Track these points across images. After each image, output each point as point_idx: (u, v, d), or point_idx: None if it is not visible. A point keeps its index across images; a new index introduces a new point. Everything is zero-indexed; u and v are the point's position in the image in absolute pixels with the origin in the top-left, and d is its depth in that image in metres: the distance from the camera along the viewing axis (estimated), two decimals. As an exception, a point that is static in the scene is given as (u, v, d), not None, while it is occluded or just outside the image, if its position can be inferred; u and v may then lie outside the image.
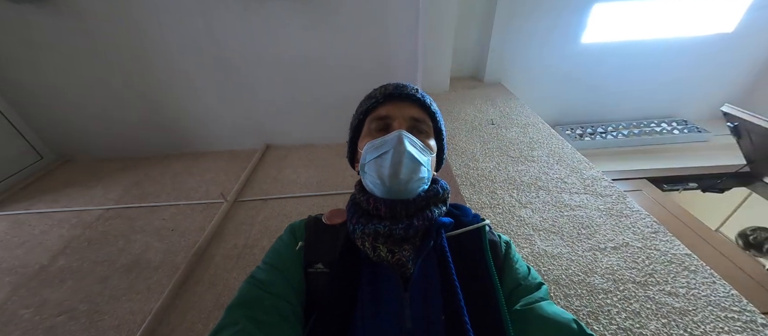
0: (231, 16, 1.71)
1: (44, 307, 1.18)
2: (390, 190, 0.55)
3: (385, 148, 0.56)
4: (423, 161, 0.57)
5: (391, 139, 0.56)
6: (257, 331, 0.44)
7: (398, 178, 0.53)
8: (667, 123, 2.28)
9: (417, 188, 0.56)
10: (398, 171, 0.53)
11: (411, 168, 0.54)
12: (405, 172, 0.54)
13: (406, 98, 0.62)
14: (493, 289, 0.49)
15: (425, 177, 0.57)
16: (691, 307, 0.71)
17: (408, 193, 0.55)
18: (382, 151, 0.56)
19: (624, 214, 0.97)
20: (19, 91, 1.92)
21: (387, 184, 0.54)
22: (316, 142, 2.27)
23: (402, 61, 1.92)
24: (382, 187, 0.55)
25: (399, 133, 0.56)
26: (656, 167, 1.93)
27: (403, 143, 0.55)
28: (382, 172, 0.54)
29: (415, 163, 0.55)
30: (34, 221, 1.65)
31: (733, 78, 2.23)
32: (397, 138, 0.55)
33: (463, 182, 1.14)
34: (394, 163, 0.53)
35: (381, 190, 0.56)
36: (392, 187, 0.54)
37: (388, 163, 0.54)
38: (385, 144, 0.56)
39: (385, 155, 0.55)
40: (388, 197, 0.55)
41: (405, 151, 0.54)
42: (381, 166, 0.55)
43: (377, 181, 0.56)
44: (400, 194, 0.55)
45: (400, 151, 0.54)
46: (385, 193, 0.55)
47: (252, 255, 1.33)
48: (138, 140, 2.19)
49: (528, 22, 1.90)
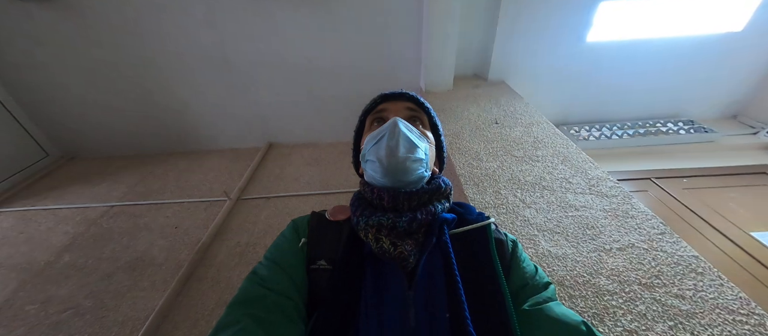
0: (235, 14, 1.72)
1: (50, 303, 1.19)
2: (388, 170, 0.55)
3: (382, 133, 0.59)
4: (419, 145, 0.59)
5: (387, 125, 0.60)
6: (259, 329, 0.43)
7: (396, 157, 0.55)
8: (673, 123, 2.25)
9: (415, 169, 0.57)
10: (395, 151, 0.56)
11: (407, 147, 0.57)
12: (402, 151, 0.56)
13: (401, 96, 0.68)
14: (500, 288, 0.49)
15: (423, 159, 0.58)
16: (699, 309, 0.70)
17: (407, 172, 0.56)
18: (379, 136, 0.59)
19: (630, 214, 0.95)
20: (25, 88, 1.94)
21: (385, 162, 0.55)
22: (319, 140, 2.27)
23: (405, 60, 1.91)
24: (381, 167, 0.56)
25: (394, 118, 0.60)
26: (662, 167, 1.91)
27: (398, 126, 0.58)
28: (380, 153, 0.57)
29: (411, 144, 0.58)
30: (39, 218, 1.67)
31: (742, 78, 2.19)
32: (393, 122, 0.59)
33: (466, 182, 1.13)
34: (391, 144, 0.56)
35: (381, 173, 0.56)
36: (389, 165, 0.55)
37: (384, 144, 0.57)
38: (381, 130, 0.60)
39: (382, 139, 0.58)
40: (389, 182, 0.56)
41: (401, 132, 0.58)
42: (379, 148, 0.58)
43: (376, 165, 0.57)
44: (399, 174, 0.56)
45: (397, 132, 0.58)
46: (384, 173, 0.56)
47: (255, 252, 1.34)
48: (142, 138, 2.20)
49: (533, 20, 1.88)
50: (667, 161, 1.97)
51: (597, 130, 2.25)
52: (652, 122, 2.28)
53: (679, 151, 2.07)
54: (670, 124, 2.23)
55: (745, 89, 2.24)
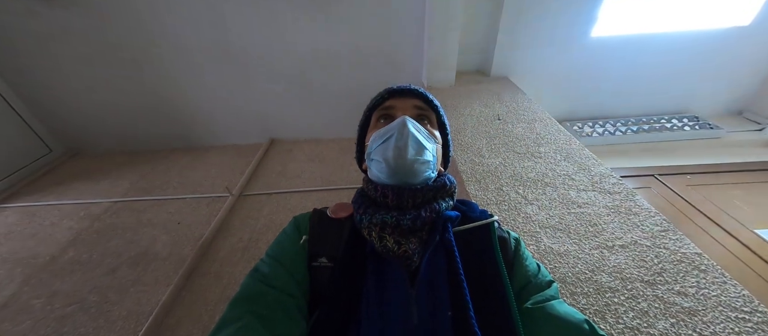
0: (238, 10, 1.71)
1: (55, 297, 1.20)
2: (395, 172, 0.55)
3: (390, 132, 0.57)
4: (427, 146, 0.58)
5: (395, 124, 0.58)
6: (260, 326, 0.44)
7: (403, 159, 0.54)
8: (678, 119, 2.22)
9: (423, 172, 0.56)
10: (403, 152, 0.54)
11: (416, 149, 0.56)
12: (410, 152, 0.55)
13: (409, 93, 0.65)
14: (503, 286, 0.48)
15: (430, 161, 0.58)
16: (701, 307, 0.69)
17: (413, 174, 0.55)
18: (387, 136, 0.57)
19: (632, 211, 0.95)
20: (28, 84, 1.94)
21: (392, 164, 0.55)
22: (321, 136, 2.27)
23: (407, 56, 1.89)
24: (387, 168, 0.55)
25: (403, 118, 0.58)
26: (666, 164, 1.89)
27: (407, 126, 0.57)
28: (387, 154, 0.55)
29: (420, 146, 0.56)
30: (44, 213, 1.68)
31: (749, 73, 2.16)
32: (402, 122, 0.57)
33: (468, 178, 1.13)
34: (399, 145, 0.55)
35: (387, 173, 0.56)
36: (397, 167, 0.55)
37: (392, 144, 0.55)
38: (389, 129, 0.58)
39: (389, 139, 0.57)
40: (395, 182, 0.55)
41: (409, 133, 0.56)
42: (386, 149, 0.56)
43: (383, 165, 0.56)
44: (406, 176, 0.55)
45: (405, 133, 0.56)
46: (391, 174, 0.55)
47: (257, 248, 1.34)
48: (145, 134, 2.21)
49: (537, 15, 1.86)
50: (671, 158, 1.96)
51: (600, 126, 2.23)
52: (657, 118, 2.26)
53: (684, 147, 2.06)
54: (674, 120, 2.21)
55: (751, 85, 2.21)
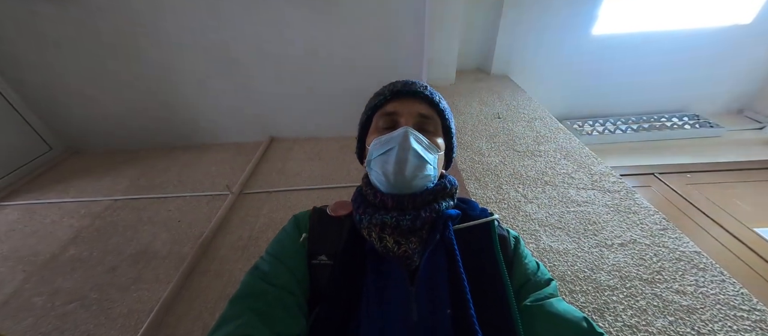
0: (237, 8, 1.70)
1: (56, 295, 1.20)
2: (394, 187, 0.54)
3: (391, 144, 0.55)
4: (429, 159, 0.56)
5: (396, 135, 0.56)
6: (260, 323, 0.44)
7: (403, 175, 0.53)
8: (678, 117, 2.22)
9: (422, 185, 0.56)
10: (403, 168, 0.53)
11: (416, 165, 0.54)
12: (410, 169, 0.53)
13: (414, 95, 0.61)
14: (502, 284, 0.49)
15: (431, 175, 0.57)
16: (699, 305, 0.70)
17: (412, 189, 0.55)
18: (387, 147, 0.56)
19: (632, 210, 0.95)
20: (28, 82, 1.94)
21: (391, 180, 0.54)
22: (321, 135, 2.27)
23: (407, 54, 1.89)
24: (387, 183, 0.55)
25: (405, 129, 0.56)
26: (666, 163, 1.89)
27: (408, 140, 0.54)
28: (387, 169, 0.54)
29: (421, 161, 0.55)
30: (44, 211, 1.68)
31: (750, 71, 2.15)
32: (403, 135, 0.55)
33: (468, 177, 1.13)
34: (399, 160, 0.53)
35: (386, 187, 0.55)
36: (396, 183, 0.54)
37: (393, 159, 0.54)
38: (390, 140, 0.56)
39: (390, 152, 0.55)
40: (393, 193, 0.55)
41: (410, 148, 0.54)
42: (386, 163, 0.55)
43: (382, 178, 0.55)
44: (405, 190, 0.55)
45: (406, 147, 0.54)
46: (390, 188, 0.55)
47: (257, 246, 1.34)
48: (145, 132, 2.20)
49: (538, 13, 1.85)
50: (672, 156, 1.96)
51: (600, 124, 2.23)
52: (657, 117, 2.26)
53: (684, 146, 2.06)
54: (675, 119, 2.21)
55: (752, 83, 2.21)
